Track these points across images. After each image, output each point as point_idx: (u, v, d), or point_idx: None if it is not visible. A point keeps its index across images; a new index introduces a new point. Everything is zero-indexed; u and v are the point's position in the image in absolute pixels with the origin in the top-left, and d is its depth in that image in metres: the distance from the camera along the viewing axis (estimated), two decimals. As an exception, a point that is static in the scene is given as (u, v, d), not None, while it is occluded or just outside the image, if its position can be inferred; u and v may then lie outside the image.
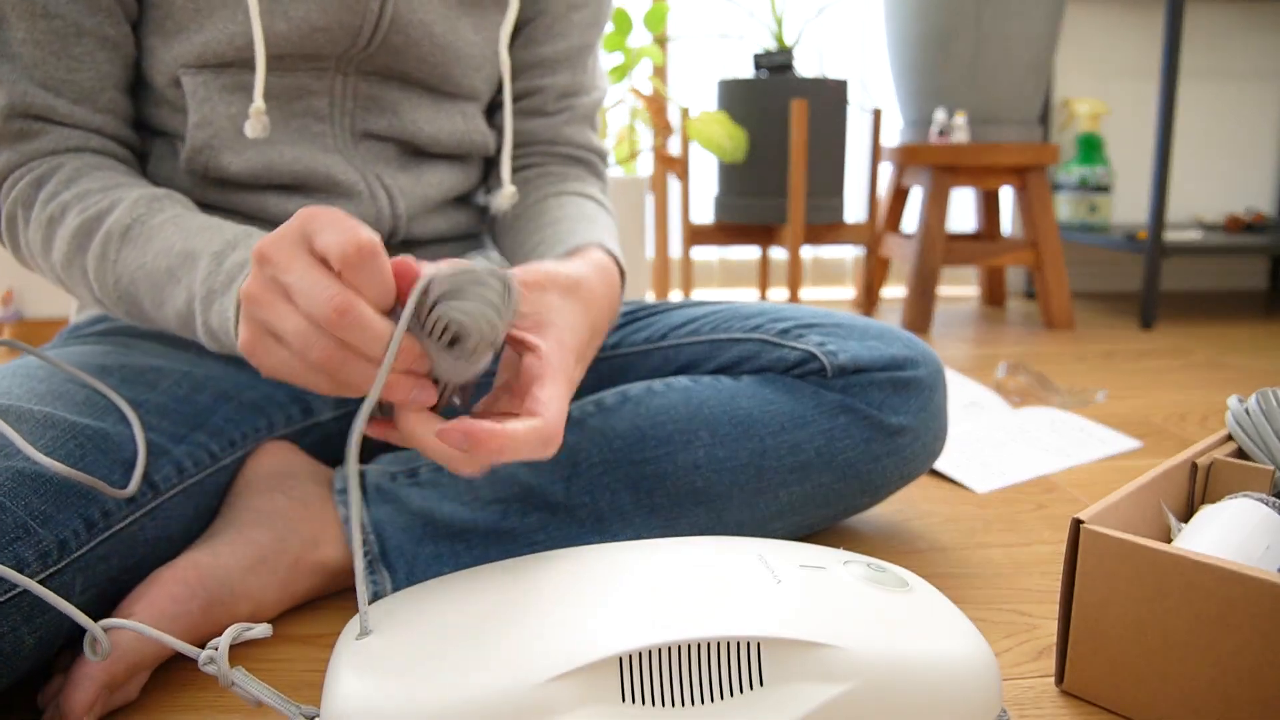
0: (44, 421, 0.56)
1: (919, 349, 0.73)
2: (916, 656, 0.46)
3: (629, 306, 0.85)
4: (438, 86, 0.76)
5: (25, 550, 0.50)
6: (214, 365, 0.73)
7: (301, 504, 0.68)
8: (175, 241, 0.60)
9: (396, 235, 0.78)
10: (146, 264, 0.60)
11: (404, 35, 0.71)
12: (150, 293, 0.61)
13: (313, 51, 0.68)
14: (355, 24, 0.68)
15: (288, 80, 0.69)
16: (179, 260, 0.59)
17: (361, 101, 0.73)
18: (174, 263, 0.59)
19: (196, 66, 0.66)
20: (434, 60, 0.74)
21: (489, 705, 0.41)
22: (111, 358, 0.68)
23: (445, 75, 0.75)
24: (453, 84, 0.77)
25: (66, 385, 0.62)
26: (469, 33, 0.76)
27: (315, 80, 0.70)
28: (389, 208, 0.76)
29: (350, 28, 0.68)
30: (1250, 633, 0.48)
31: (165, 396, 0.67)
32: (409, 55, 0.72)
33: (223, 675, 0.45)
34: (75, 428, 0.58)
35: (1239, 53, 2.34)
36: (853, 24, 2.20)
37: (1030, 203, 1.87)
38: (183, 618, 0.57)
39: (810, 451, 0.69)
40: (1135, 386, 1.39)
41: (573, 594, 0.48)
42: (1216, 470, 0.69)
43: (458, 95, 0.78)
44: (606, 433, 0.69)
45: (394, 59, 0.72)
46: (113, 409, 0.62)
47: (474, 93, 0.79)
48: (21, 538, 0.50)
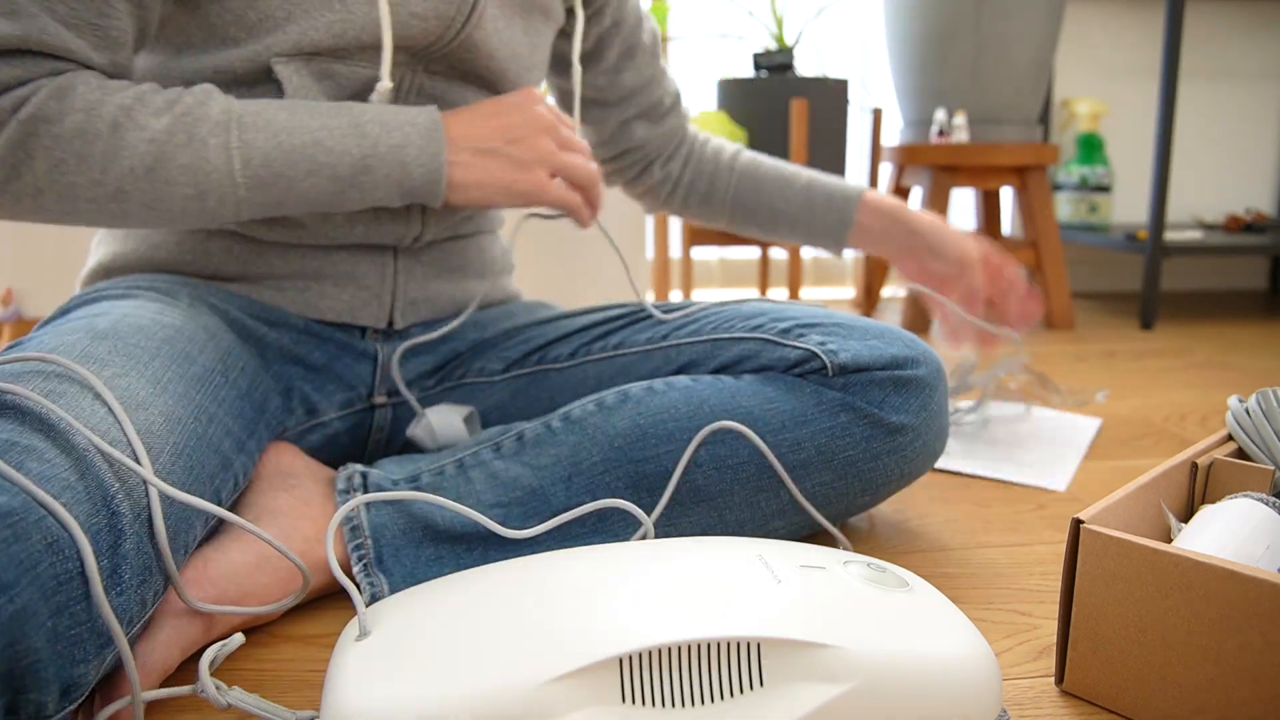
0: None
1: (919, 348, 0.73)
2: (916, 656, 0.46)
3: (630, 307, 0.85)
4: (494, 85, 0.79)
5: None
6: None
7: (304, 503, 0.68)
8: (302, 121, 0.66)
9: (423, 237, 0.79)
10: (283, 142, 0.65)
11: (483, 30, 0.74)
12: (298, 166, 0.65)
13: (405, 41, 0.70)
14: (450, 14, 0.71)
15: (367, 72, 0.71)
16: (325, 132, 0.66)
17: (423, 99, 0.76)
18: (320, 135, 0.66)
19: (290, 55, 0.68)
20: (499, 58, 0.77)
21: (489, 706, 0.41)
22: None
23: (503, 73, 0.79)
24: (508, 83, 0.80)
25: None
26: (520, 34, 0.79)
27: (388, 76, 0.72)
28: (419, 210, 0.77)
29: (445, 17, 0.71)
30: (1250, 633, 0.48)
31: (234, 390, 0.68)
32: (480, 52, 0.75)
33: (216, 701, 0.46)
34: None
35: (1239, 53, 2.34)
36: (853, 24, 2.20)
37: (1030, 203, 1.87)
38: (197, 616, 0.58)
39: (811, 450, 0.69)
40: (1135, 386, 1.39)
41: (573, 594, 0.48)
42: (1216, 470, 0.69)
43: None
44: (608, 432, 0.69)
45: (467, 55, 0.75)
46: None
47: None
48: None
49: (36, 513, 0.43)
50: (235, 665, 0.60)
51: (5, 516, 0.41)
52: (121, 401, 0.54)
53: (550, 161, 0.73)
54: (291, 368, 0.78)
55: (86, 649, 0.44)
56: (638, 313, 0.83)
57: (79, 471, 0.47)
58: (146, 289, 0.71)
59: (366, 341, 0.81)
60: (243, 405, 0.68)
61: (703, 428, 0.68)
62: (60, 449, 0.47)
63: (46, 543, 0.43)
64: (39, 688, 0.41)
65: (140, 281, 0.73)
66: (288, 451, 0.74)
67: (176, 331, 0.65)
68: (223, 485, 0.62)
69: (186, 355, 0.63)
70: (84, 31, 0.61)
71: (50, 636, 0.42)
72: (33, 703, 0.41)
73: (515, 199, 0.72)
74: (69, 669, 0.43)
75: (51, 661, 0.42)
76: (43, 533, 0.43)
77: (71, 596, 0.43)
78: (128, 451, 0.51)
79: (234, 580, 0.60)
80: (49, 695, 0.42)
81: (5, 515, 0.42)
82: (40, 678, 0.41)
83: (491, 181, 0.71)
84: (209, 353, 0.66)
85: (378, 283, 0.80)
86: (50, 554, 0.43)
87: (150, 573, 0.50)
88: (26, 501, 0.43)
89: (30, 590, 0.41)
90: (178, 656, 0.56)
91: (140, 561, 0.49)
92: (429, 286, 0.83)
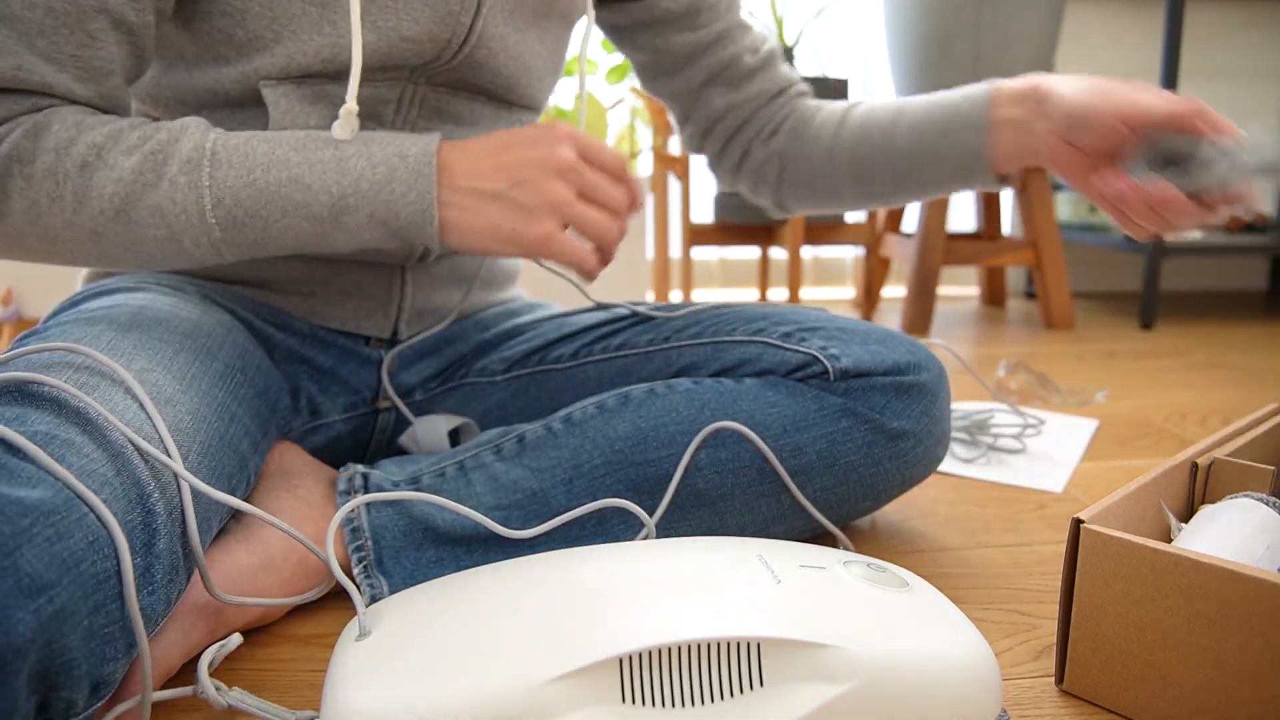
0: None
1: (922, 354, 0.73)
2: (916, 656, 0.46)
3: (630, 308, 0.85)
4: (503, 96, 0.77)
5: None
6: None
7: (307, 504, 0.68)
8: (281, 155, 0.61)
9: (429, 256, 0.79)
10: (258, 179, 0.60)
11: (486, 49, 0.71)
12: (272, 206, 0.60)
13: (397, 63, 0.68)
14: (445, 37, 0.68)
15: (365, 91, 0.69)
16: (304, 168, 0.61)
17: (426, 111, 0.73)
18: (299, 171, 0.60)
19: (278, 78, 0.66)
20: (507, 72, 0.74)
21: (489, 706, 0.41)
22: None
23: (512, 86, 0.76)
24: (517, 94, 0.77)
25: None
26: (535, 43, 0.76)
27: (388, 90, 0.70)
28: None
29: (439, 40, 0.68)
30: (1250, 633, 0.48)
31: (252, 390, 0.67)
32: (486, 68, 0.73)
33: (215, 702, 0.46)
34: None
35: (1239, 53, 2.34)
36: (853, 24, 2.20)
37: (1030, 202, 1.87)
38: (202, 617, 0.58)
39: (812, 455, 0.69)
40: (1135, 386, 1.39)
41: (573, 595, 0.48)
42: (1216, 470, 0.69)
43: (518, 105, 0.79)
44: (608, 435, 0.69)
45: (471, 72, 0.73)
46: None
47: (534, 103, 0.80)
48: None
49: (79, 510, 0.43)
50: (235, 665, 0.60)
51: (49, 515, 0.41)
52: (151, 397, 0.54)
53: (563, 212, 0.63)
54: (298, 368, 0.78)
55: (117, 647, 0.44)
56: (638, 314, 0.83)
57: (116, 468, 0.47)
58: (154, 284, 0.71)
59: (370, 348, 0.82)
60: (259, 404, 0.68)
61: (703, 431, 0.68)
62: (97, 444, 0.47)
63: (88, 541, 0.42)
64: (71, 685, 0.41)
65: (147, 278, 0.73)
66: (290, 451, 0.74)
67: (195, 326, 0.64)
68: (239, 485, 0.62)
69: (209, 351, 0.63)
70: (66, 65, 0.59)
71: (86, 635, 0.42)
72: (64, 700, 0.41)
73: (517, 250, 0.64)
74: (100, 667, 0.43)
75: (85, 660, 0.42)
76: (84, 530, 0.42)
77: (109, 595, 0.43)
78: (161, 448, 0.51)
79: (239, 580, 0.60)
80: (79, 693, 0.42)
81: (49, 513, 0.41)
82: (73, 675, 0.41)
83: (489, 229, 0.63)
84: (228, 349, 0.66)
85: (384, 294, 0.80)
86: (92, 552, 0.42)
87: (177, 572, 0.50)
88: (69, 498, 0.42)
89: (71, 589, 0.41)
90: (180, 658, 0.56)
91: (170, 561, 0.49)
92: (435, 297, 0.83)
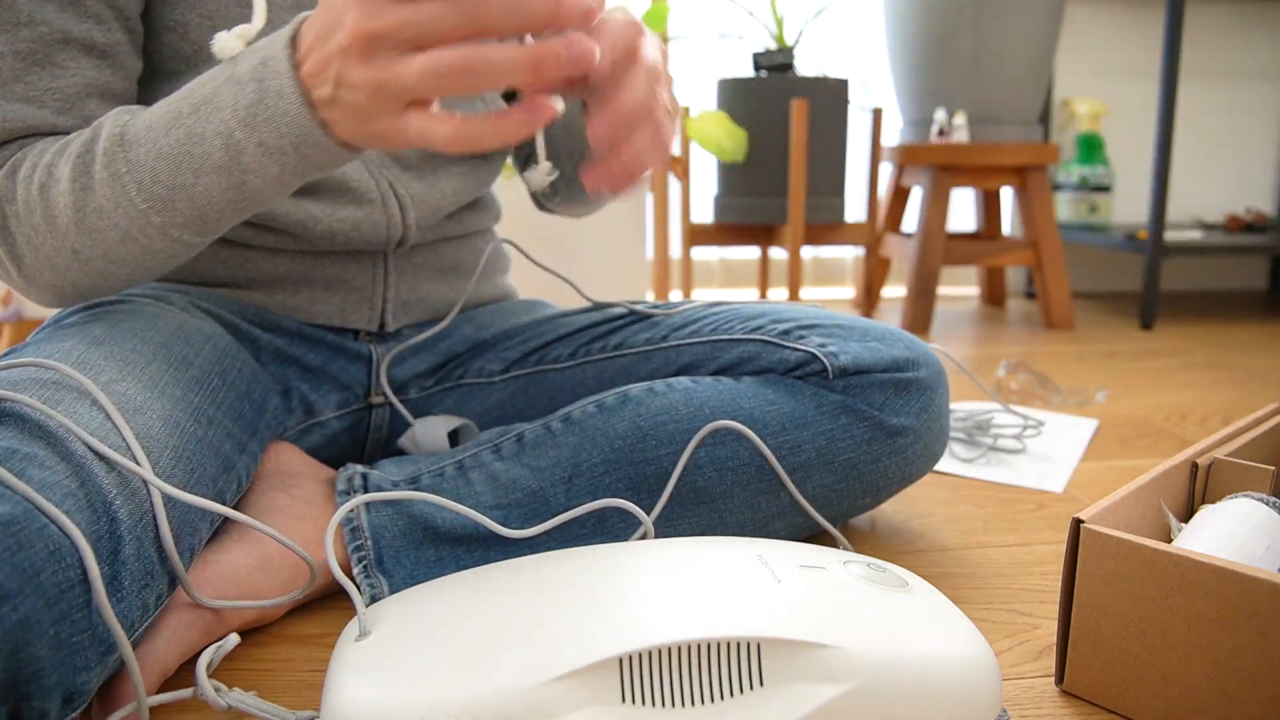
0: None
1: (920, 351, 0.73)
2: (916, 656, 0.46)
3: (628, 307, 0.85)
4: None
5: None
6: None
7: (305, 504, 0.68)
8: (177, 109, 0.55)
9: (405, 243, 0.79)
10: (162, 146, 0.54)
11: None
12: (183, 169, 0.54)
13: None
14: None
15: None
16: (194, 116, 0.54)
17: None
18: (190, 122, 0.54)
19: None
20: None
21: (489, 707, 0.41)
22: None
23: None
24: None
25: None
26: None
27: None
28: (399, 216, 0.77)
29: None
30: (1250, 633, 0.48)
31: (233, 394, 0.67)
32: None
33: (215, 703, 0.46)
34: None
35: (1239, 53, 2.34)
36: (853, 24, 2.20)
37: (1030, 203, 1.87)
38: (198, 619, 0.58)
39: (811, 452, 0.69)
40: (1135, 386, 1.39)
41: (573, 595, 0.48)
42: (1216, 470, 0.69)
43: (488, 95, 0.78)
44: (608, 433, 0.69)
45: None
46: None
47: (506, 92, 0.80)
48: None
49: (39, 521, 0.43)
50: (235, 666, 0.60)
51: (8, 525, 0.42)
52: (118, 406, 0.54)
53: (385, 95, 0.47)
54: (288, 368, 0.78)
55: (88, 656, 0.44)
56: (637, 313, 0.83)
57: (79, 479, 0.47)
58: (139, 295, 0.71)
59: (360, 343, 0.81)
60: (242, 406, 0.68)
61: (702, 429, 0.68)
62: (60, 456, 0.47)
63: (49, 551, 0.43)
64: (41, 696, 0.41)
65: (132, 290, 0.73)
66: (288, 451, 0.74)
67: (172, 335, 0.65)
68: (226, 487, 0.62)
69: (183, 358, 0.63)
70: (45, 101, 0.60)
71: (53, 645, 0.42)
72: (35, 710, 0.41)
73: (405, 146, 0.50)
74: (71, 676, 0.43)
75: (54, 669, 0.42)
76: (45, 541, 0.43)
77: (73, 604, 0.43)
78: (127, 456, 0.51)
79: (235, 582, 0.60)
80: (51, 703, 0.42)
81: (8, 524, 0.42)
82: (43, 686, 0.41)
83: (366, 138, 0.51)
84: (205, 355, 0.66)
85: (368, 285, 0.80)
86: (52, 562, 0.43)
87: (152, 577, 0.50)
88: (29, 510, 0.43)
89: (33, 599, 0.41)
90: (176, 660, 0.56)
91: (141, 566, 0.49)
92: (420, 288, 0.83)
